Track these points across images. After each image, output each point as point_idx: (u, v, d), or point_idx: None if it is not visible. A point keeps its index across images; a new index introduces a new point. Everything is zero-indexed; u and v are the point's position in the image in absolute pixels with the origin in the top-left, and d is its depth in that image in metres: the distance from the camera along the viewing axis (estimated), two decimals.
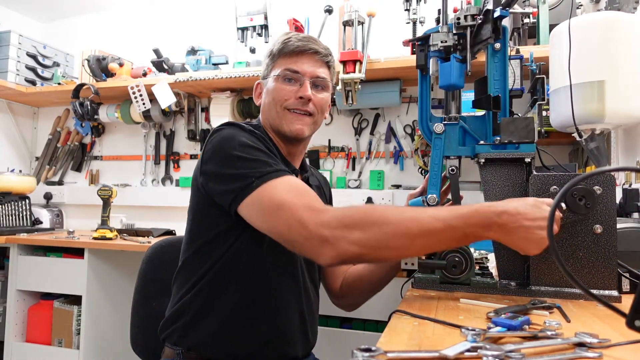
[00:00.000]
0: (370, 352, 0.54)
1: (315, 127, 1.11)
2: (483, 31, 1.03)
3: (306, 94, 1.04)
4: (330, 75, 1.11)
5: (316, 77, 1.06)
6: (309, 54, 1.06)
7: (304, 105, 1.05)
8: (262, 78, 1.12)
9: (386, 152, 2.34)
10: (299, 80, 1.05)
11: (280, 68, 1.06)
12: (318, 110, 1.08)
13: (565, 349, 0.59)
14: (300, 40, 1.06)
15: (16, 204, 2.44)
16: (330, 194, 1.32)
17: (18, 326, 2.17)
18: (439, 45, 1.04)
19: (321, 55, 1.07)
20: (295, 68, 1.05)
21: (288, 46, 1.06)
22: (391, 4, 2.27)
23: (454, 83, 1.02)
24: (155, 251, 1.31)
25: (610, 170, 1.05)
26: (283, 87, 1.05)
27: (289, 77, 1.05)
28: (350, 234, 0.79)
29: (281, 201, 0.85)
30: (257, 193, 0.88)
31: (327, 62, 1.09)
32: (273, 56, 1.08)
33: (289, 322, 1.04)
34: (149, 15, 2.92)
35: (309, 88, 1.04)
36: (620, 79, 1.24)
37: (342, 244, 0.80)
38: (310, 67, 1.06)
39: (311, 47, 1.06)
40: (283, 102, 1.05)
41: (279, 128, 1.06)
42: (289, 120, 1.05)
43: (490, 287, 0.98)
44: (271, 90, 1.07)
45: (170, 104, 2.40)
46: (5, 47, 2.59)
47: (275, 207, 0.85)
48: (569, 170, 1.12)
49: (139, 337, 1.25)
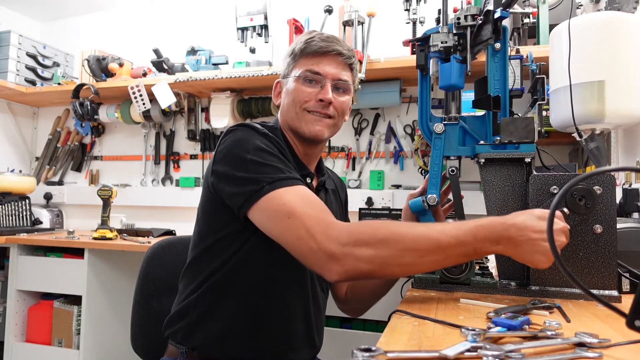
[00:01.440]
0: (370, 352, 0.54)
1: (335, 129, 1.08)
2: (483, 32, 1.02)
3: (327, 97, 1.01)
4: (353, 77, 1.08)
5: (338, 80, 1.04)
6: (332, 56, 1.03)
7: (324, 109, 1.03)
8: (282, 77, 1.10)
9: (386, 152, 2.34)
10: (320, 82, 1.03)
11: (302, 69, 1.03)
12: (339, 113, 1.05)
13: (565, 349, 0.58)
14: (323, 41, 1.03)
15: (16, 204, 2.44)
16: (346, 197, 1.30)
17: (18, 326, 2.17)
18: (439, 45, 1.04)
19: (344, 57, 1.04)
20: (316, 69, 1.02)
21: (311, 46, 1.03)
22: (391, 4, 2.27)
23: (454, 84, 1.02)
24: (155, 251, 1.31)
25: (610, 170, 1.05)
26: (304, 88, 1.03)
27: (310, 78, 1.03)
28: (359, 251, 0.78)
29: (291, 209, 0.84)
30: (268, 198, 0.86)
31: (350, 65, 1.06)
32: (295, 55, 1.05)
33: (295, 328, 1.03)
34: (149, 15, 2.92)
35: (330, 91, 1.02)
36: (620, 79, 1.24)
37: (351, 261, 0.79)
38: (333, 69, 1.03)
39: (334, 49, 1.03)
40: (303, 104, 1.03)
41: (298, 129, 1.04)
42: (308, 121, 1.03)
43: (490, 287, 0.98)
44: (291, 90, 1.04)
45: (170, 104, 2.40)
46: (5, 47, 2.59)
47: (285, 214, 0.84)
48: (569, 170, 1.12)
49: (139, 337, 1.25)
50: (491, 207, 1.02)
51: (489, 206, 1.02)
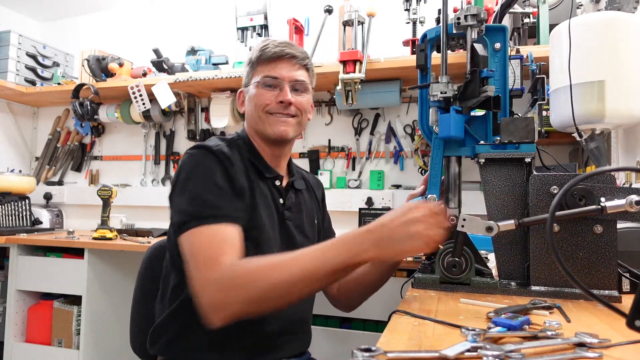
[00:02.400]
0: (370, 352, 0.54)
1: (299, 128, 1.13)
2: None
3: (286, 98, 1.07)
4: (310, 77, 1.14)
5: (295, 81, 1.09)
6: (287, 59, 1.09)
7: (285, 109, 1.08)
8: (244, 86, 1.15)
9: (386, 152, 2.34)
10: (278, 85, 1.08)
11: (260, 75, 1.09)
12: (300, 111, 1.11)
13: (565, 349, 0.58)
14: (277, 47, 1.08)
15: (16, 204, 2.44)
16: (323, 195, 1.31)
17: (18, 326, 2.17)
18: (439, 95, 1.04)
19: (298, 59, 1.10)
20: (274, 74, 1.08)
21: (265, 53, 1.09)
22: (391, 4, 2.27)
23: (454, 135, 1.02)
24: (155, 251, 1.31)
25: (610, 170, 1.05)
26: (264, 92, 1.08)
27: (268, 83, 1.08)
28: (235, 294, 0.82)
29: (196, 251, 0.89)
30: (188, 235, 0.91)
31: (305, 65, 1.12)
32: (252, 64, 1.12)
33: (274, 329, 1.05)
34: (149, 15, 2.92)
35: (288, 92, 1.07)
36: (620, 79, 1.24)
37: (227, 307, 0.83)
38: (289, 72, 1.08)
39: (288, 52, 1.08)
40: (265, 107, 1.08)
41: (263, 132, 1.09)
42: (272, 123, 1.08)
43: (490, 287, 0.98)
44: (253, 96, 1.10)
45: (170, 104, 2.40)
46: (5, 47, 2.59)
47: (190, 254, 0.89)
48: (569, 170, 1.12)
49: (139, 337, 1.25)
50: (491, 207, 1.02)
51: (489, 206, 1.02)
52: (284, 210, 1.10)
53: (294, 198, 1.14)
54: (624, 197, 0.85)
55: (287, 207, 1.11)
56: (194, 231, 0.90)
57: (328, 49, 2.19)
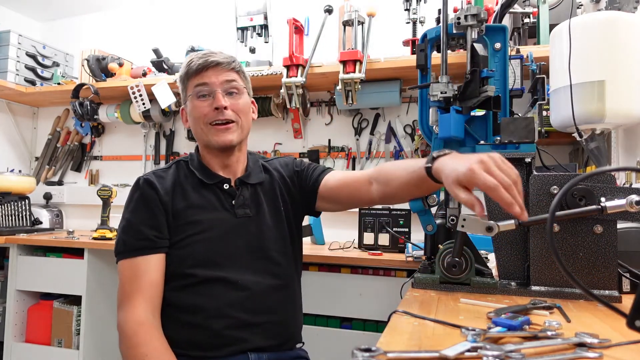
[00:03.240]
0: (370, 352, 0.54)
1: (243, 131, 1.14)
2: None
3: (220, 104, 1.08)
4: (241, 78, 1.15)
5: (225, 82, 1.10)
6: (213, 67, 1.10)
7: (222, 115, 1.09)
8: (183, 103, 1.18)
9: (386, 152, 2.34)
10: (210, 93, 1.10)
11: (192, 88, 1.12)
12: (239, 114, 1.12)
13: (565, 349, 0.58)
14: (201, 58, 1.11)
15: (16, 204, 2.44)
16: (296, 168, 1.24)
17: (18, 326, 2.17)
18: (439, 95, 1.04)
19: (224, 64, 1.11)
20: (203, 81, 1.10)
21: (192, 67, 1.11)
22: (391, 4, 2.27)
23: (454, 135, 1.02)
24: None
25: (610, 170, 1.05)
26: (199, 104, 1.10)
27: (201, 93, 1.10)
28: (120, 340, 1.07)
29: (119, 282, 1.06)
30: (119, 265, 1.07)
31: (232, 69, 1.13)
32: (183, 80, 1.14)
33: (227, 322, 1.05)
34: (149, 15, 2.92)
35: (221, 97, 1.09)
36: (620, 79, 1.24)
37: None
38: (217, 78, 1.10)
39: (212, 60, 1.10)
40: (203, 118, 1.10)
41: (209, 143, 1.12)
42: (214, 134, 1.10)
43: (490, 287, 0.98)
44: (191, 110, 1.13)
45: (170, 104, 2.39)
46: (5, 47, 2.59)
47: (119, 284, 1.06)
48: (569, 170, 1.12)
49: None
50: (491, 207, 1.02)
51: (489, 206, 1.02)
52: (237, 209, 1.12)
53: (247, 194, 1.16)
54: (624, 197, 0.85)
55: (240, 204, 1.13)
56: (120, 264, 1.06)
57: (328, 49, 2.19)
